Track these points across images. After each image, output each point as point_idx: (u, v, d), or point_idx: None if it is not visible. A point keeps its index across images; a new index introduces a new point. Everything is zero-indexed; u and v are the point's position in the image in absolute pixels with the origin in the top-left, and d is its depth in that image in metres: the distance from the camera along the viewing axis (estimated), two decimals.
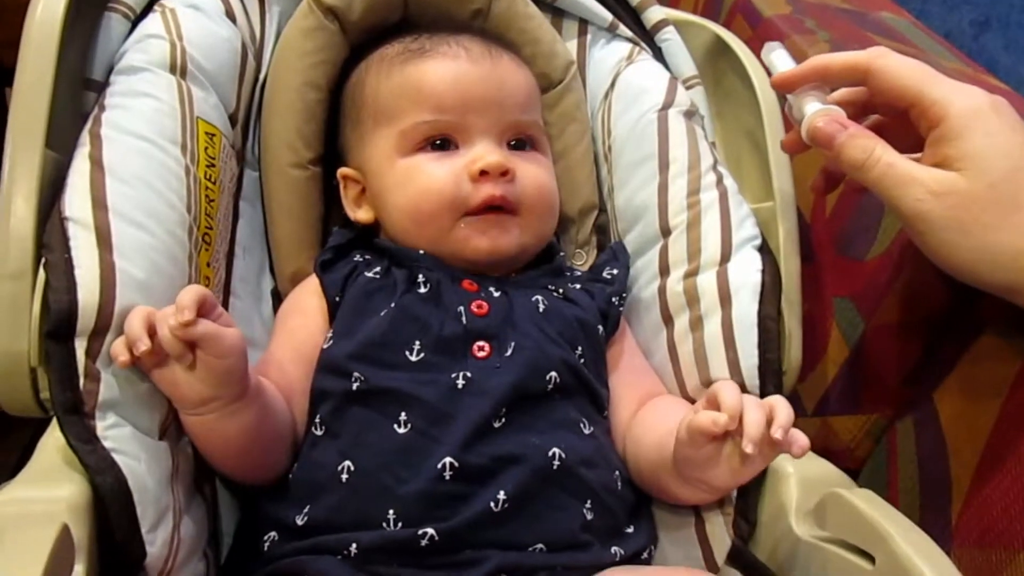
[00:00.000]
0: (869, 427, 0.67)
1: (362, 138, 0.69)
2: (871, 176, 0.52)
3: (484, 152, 0.65)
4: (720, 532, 0.61)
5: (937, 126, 0.51)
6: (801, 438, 0.51)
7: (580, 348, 0.63)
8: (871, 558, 0.50)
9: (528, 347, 0.60)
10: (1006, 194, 0.48)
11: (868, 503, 0.52)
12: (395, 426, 0.57)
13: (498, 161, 0.64)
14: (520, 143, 0.69)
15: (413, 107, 0.66)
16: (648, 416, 0.65)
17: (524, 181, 0.66)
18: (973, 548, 0.55)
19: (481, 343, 0.61)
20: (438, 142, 0.66)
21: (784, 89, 0.59)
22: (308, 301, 0.66)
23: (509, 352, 0.60)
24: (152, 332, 0.50)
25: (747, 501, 0.60)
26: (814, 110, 0.57)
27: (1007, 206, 0.48)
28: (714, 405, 0.54)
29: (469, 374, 0.58)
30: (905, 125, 0.56)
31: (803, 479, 0.58)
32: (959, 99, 0.51)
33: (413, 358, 0.59)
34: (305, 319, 0.65)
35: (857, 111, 0.60)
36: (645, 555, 0.62)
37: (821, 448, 0.67)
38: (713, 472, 0.55)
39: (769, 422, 0.51)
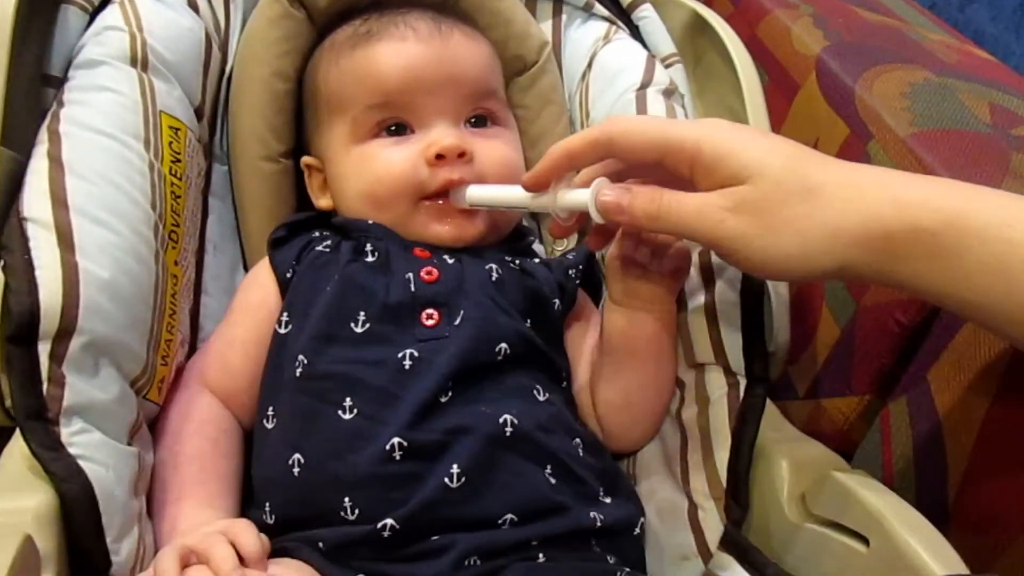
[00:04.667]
0: (862, 409, 0.66)
1: (319, 126, 0.68)
2: (669, 221, 0.52)
3: (440, 135, 0.63)
4: (712, 517, 0.60)
5: (696, 161, 0.51)
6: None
7: (529, 320, 0.62)
8: (866, 540, 0.49)
9: (477, 317, 0.59)
10: (794, 185, 0.48)
11: (862, 485, 0.51)
12: (340, 412, 0.56)
13: (454, 143, 0.62)
14: (480, 119, 0.67)
15: (362, 93, 0.64)
16: None
17: (486, 159, 0.64)
18: (971, 531, 0.54)
19: (430, 311, 0.59)
20: (392, 127, 0.65)
21: (541, 187, 0.58)
22: (263, 279, 0.64)
23: (458, 321, 0.59)
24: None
25: (738, 484, 0.59)
26: (588, 191, 0.56)
27: (800, 195, 0.48)
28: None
29: (416, 352, 0.57)
30: (661, 181, 0.55)
31: (795, 461, 0.57)
32: (703, 130, 0.52)
33: (358, 329, 0.58)
34: (260, 297, 0.64)
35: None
36: (637, 531, 0.61)
37: (814, 431, 0.66)
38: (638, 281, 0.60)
39: None
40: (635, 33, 0.78)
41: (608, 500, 0.60)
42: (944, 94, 0.73)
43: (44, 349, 0.49)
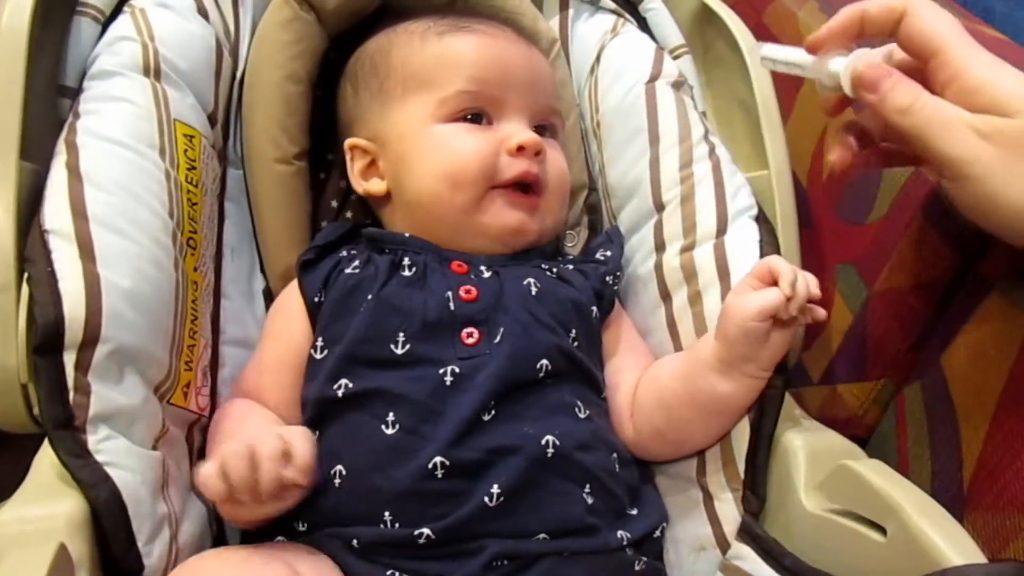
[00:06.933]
0: (876, 394, 0.67)
1: (384, 105, 0.68)
2: (917, 119, 0.49)
3: (520, 129, 0.65)
4: (729, 508, 0.60)
5: (960, 77, 0.49)
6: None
7: (574, 331, 0.62)
8: (883, 530, 0.49)
9: (517, 334, 0.59)
10: None
11: (878, 474, 0.51)
12: (383, 427, 0.56)
13: (536, 139, 0.64)
14: (542, 128, 0.69)
15: (456, 76, 0.65)
16: (655, 368, 0.65)
17: (549, 166, 0.67)
18: (986, 513, 0.54)
19: (470, 329, 0.59)
20: (471, 116, 0.66)
21: (819, 46, 0.55)
22: (291, 303, 0.65)
23: (498, 339, 0.59)
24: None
25: (756, 475, 0.59)
26: (848, 59, 0.54)
27: None
28: (766, 279, 0.57)
29: (458, 369, 0.57)
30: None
31: (812, 451, 0.57)
32: (977, 53, 0.50)
33: (399, 351, 0.58)
34: (288, 323, 0.64)
35: None
36: (656, 534, 0.61)
37: (829, 417, 0.67)
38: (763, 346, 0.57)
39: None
40: (643, 25, 0.78)
41: (634, 511, 0.60)
42: None
43: (70, 359, 0.50)
